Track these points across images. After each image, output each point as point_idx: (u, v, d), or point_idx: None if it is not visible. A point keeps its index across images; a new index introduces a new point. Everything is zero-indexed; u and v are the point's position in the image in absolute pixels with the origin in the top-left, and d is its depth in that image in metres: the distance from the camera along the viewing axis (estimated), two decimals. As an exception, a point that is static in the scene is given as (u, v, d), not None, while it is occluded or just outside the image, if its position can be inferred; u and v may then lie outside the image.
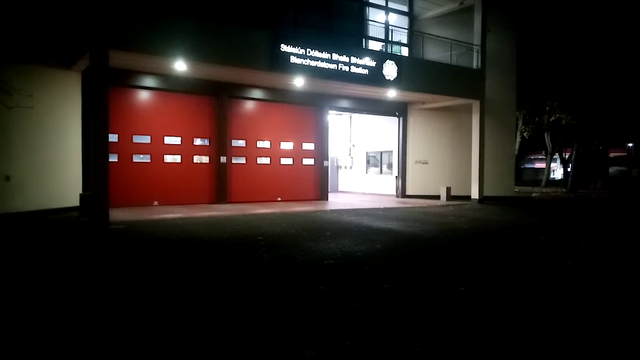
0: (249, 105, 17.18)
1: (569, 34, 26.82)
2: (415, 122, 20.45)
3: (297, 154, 18.30)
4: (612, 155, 43.03)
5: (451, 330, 4.02)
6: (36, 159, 12.22)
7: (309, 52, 14.32)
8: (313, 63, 14.40)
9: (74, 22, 12.23)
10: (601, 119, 28.76)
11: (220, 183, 16.12)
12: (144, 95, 15.09)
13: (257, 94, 16.77)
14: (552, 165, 42.18)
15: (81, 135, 13.26)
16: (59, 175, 12.80)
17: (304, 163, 18.46)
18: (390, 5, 18.69)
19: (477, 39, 18.59)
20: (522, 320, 4.32)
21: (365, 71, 15.49)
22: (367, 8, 18.16)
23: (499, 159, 19.84)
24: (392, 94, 17.43)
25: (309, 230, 9.90)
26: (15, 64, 11.52)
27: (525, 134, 33.68)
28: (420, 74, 17.17)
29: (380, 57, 16.02)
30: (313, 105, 18.33)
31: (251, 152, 17.17)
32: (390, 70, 16.02)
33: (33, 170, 12.15)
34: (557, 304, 4.86)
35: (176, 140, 15.63)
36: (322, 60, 14.57)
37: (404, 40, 19.22)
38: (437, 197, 19.46)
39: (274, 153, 17.74)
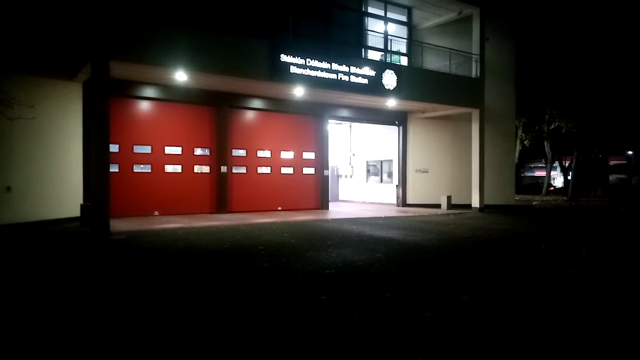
0: (249, 115, 17.23)
1: (568, 41, 26.96)
2: (415, 131, 20.50)
3: (298, 163, 18.33)
4: (612, 163, 43.05)
5: (453, 340, 4.00)
6: (37, 169, 12.25)
7: (309, 62, 14.39)
8: (313, 73, 14.46)
9: (75, 33, 12.32)
10: (601, 127, 28.82)
11: (220, 193, 16.12)
12: (144, 106, 15.15)
13: (257, 103, 16.83)
14: (552, 173, 42.18)
15: (82, 145, 13.30)
16: (60, 186, 12.82)
17: (304, 172, 18.47)
18: (389, 15, 18.82)
19: (475, 48, 18.68)
20: (525, 330, 4.31)
21: (365, 81, 15.55)
22: (366, 18, 18.27)
23: (499, 167, 19.87)
24: (391, 103, 17.49)
25: (309, 239, 9.89)
26: (16, 75, 11.59)
27: (525, 142, 33.73)
28: (420, 83, 17.24)
29: (380, 67, 16.09)
30: (313, 114, 18.38)
31: (252, 161, 17.19)
32: (389, 79, 16.09)
33: (34, 181, 12.17)
34: (560, 313, 4.84)
35: (177, 150, 15.66)
36: (322, 70, 14.64)
37: (403, 50, 19.32)
38: (438, 206, 19.44)
39: (275, 162, 17.76)
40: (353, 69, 15.29)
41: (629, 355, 3.79)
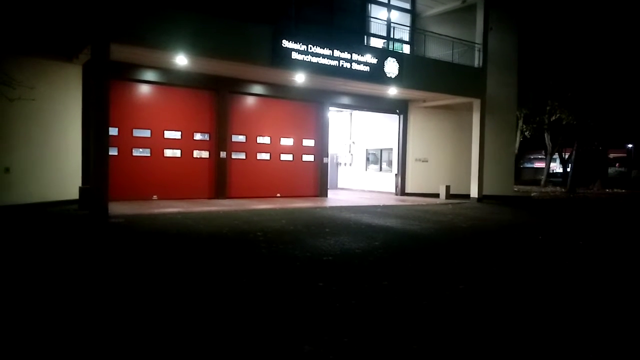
0: (250, 100, 17.16)
1: (571, 33, 26.79)
2: (415, 120, 20.44)
3: (297, 150, 18.30)
4: (611, 156, 43.06)
5: (449, 328, 4.03)
6: (36, 151, 12.22)
7: (311, 49, 14.29)
8: (314, 59, 14.37)
9: (75, 15, 12.20)
10: (601, 120, 28.75)
11: (219, 178, 16.12)
12: (144, 89, 15.07)
13: (257, 89, 16.74)
14: (552, 165, 42.17)
15: (81, 128, 13.25)
16: (59, 168, 12.80)
17: (303, 159, 18.45)
18: (393, 2, 18.64)
19: (478, 38, 18.55)
20: (520, 319, 4.34)
21: (367, 68, 15.46)
22: (369, 5, 18.11)
23: (499, 158, 19.85)
24: (393, 91, 17.41)
25: (308, 226, 9.92)
26: (17, 56, 11.50)
27: (526, 133, 33.66)
28: (422, 72, 17.15)
29: (382, 55, 16.00)
30: (314, 101, 18.31)
31: (251, 147, 17.16)
32: (391, 67, 16.00)
33: (33, 162, 12.15)
34: (555, 303, 4.88)
35: (176, 135, 15.61)
36: (324, 56, 14.54)
37: (406, 38, 19.17)
38: (437, 196, 19.47)
39: (274, 149, 17.73)
40: (355, 56, 15.19)
41: (621, 344, 3.82)
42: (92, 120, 11.62)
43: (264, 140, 17.48)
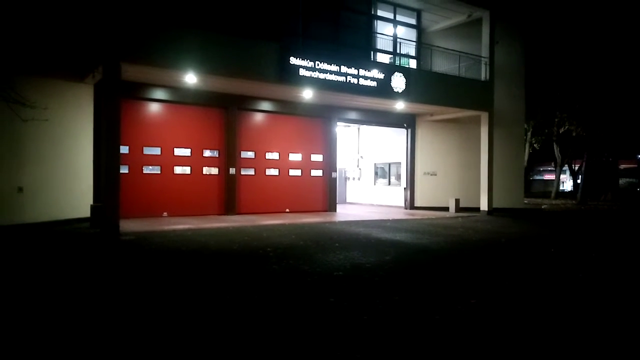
0: (258, 117, 17.30)
1: (578, 45, 26.82)
2: (423, 134, 20.47)
3: (306, 166, 18.36)
4: (622, 167, 42.70)
5: (462, 344, 4.01)
6: (48, 170, 12.38)
7: (318, 65, 14.43)
8: (322, 75, 14.50)
9: (87, 36, 12.45)
10: (611, 131, 28.61)
11: (229, 194, 16.19)
12: (154, 108, 15.26)
13: (266, 106, 16.89)
14: (562, 177, 41.88)
15: (93, 147, 13.42)
16: (71, 187, 12.95)
17: (312, 174, 18.50)
18: (399, 18, 18.82)
19: (485, 51, 18.63)
20: (534, 335, 4.30)
21: (374, 83, 15.56)
22: (375, 21, 18.30)
23: (508, 171, 19.78)
24: (400, 105, 17.48)
25: (317, 241, 9.91)
26: (30, 77, 11.72)
27: (535, 145, 33.52)
28: (429, 86, 17.22)
29: (389, 70, 16.10)
30: (321, 117, 18.41)
31: (260, 163, 17.25)
32: (398, 82, 16.09)
33: (45, 181, 12.30)
34: (569, 318, 4.83)
35: (186, 152, 15.75)
36: (331, 72, 14.67)
37: (412, 53, 19.31)
38: (446, 209, 19.39)
39: (283, 164, 17.81)
40: (362, 72, 15.30)
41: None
42: (104, 139, 11.77)
43: (273, 156, 17.57)
